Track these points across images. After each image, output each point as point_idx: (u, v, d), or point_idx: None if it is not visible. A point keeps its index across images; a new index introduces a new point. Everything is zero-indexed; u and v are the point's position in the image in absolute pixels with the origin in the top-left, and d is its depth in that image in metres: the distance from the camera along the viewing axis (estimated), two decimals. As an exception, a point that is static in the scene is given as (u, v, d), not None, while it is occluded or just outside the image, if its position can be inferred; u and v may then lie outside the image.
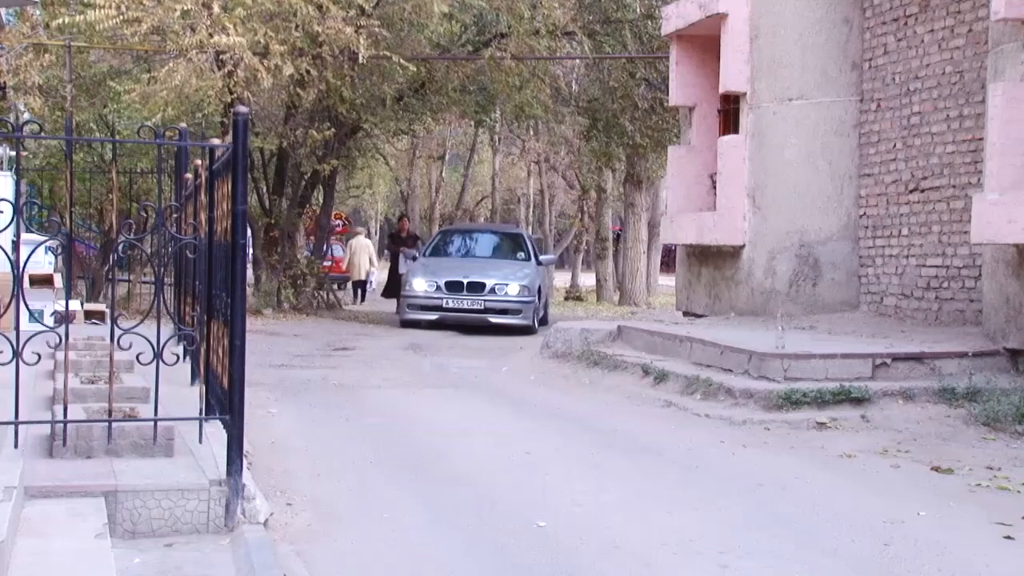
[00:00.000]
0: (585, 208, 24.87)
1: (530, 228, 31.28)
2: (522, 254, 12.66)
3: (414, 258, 12.99)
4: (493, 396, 6.74)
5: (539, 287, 11.76)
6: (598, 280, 22.22)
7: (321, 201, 15.88)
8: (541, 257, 12.70)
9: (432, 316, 11.29)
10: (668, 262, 29.35)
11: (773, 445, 5.08)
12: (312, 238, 16.59)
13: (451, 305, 11.24)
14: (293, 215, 14.04)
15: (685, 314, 9.91)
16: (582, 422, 5.68)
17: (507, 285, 11.38)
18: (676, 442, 5.13)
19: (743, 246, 8.70)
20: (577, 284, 25.27)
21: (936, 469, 4.57)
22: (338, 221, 23.60)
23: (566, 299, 23.32)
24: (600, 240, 22.06)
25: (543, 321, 12.23)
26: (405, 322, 11.49)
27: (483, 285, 11.36)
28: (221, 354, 3.65)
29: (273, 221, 13.71)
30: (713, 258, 9.29)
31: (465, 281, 11.40)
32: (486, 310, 11.20)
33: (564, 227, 32.42)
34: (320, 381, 7.19)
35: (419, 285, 11.54)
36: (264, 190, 14.32)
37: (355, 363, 8.32)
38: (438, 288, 11.41)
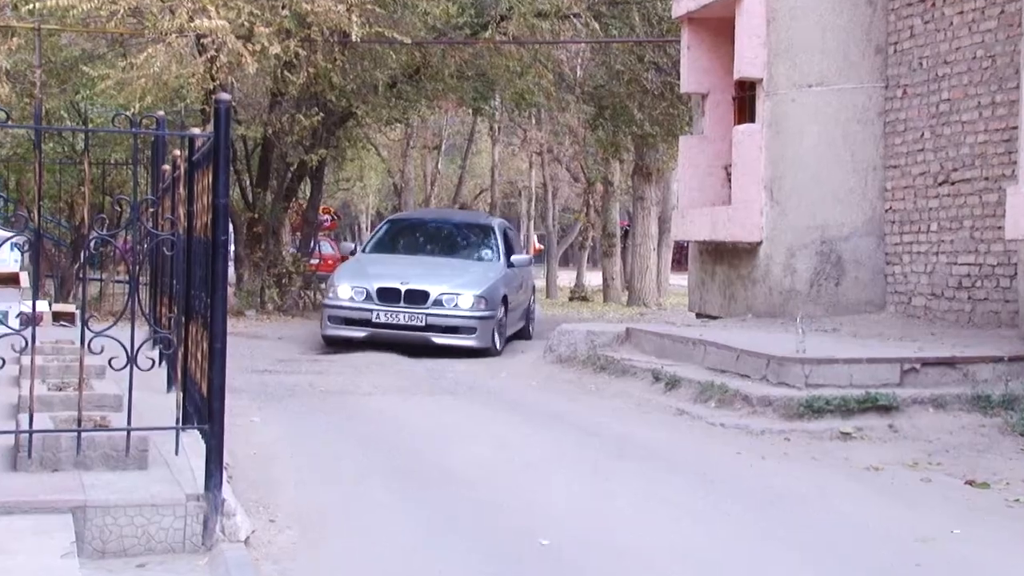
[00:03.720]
0: (591, 202, 24.85)
1: (531, 223, 31.31)
2: (488, 252, 10.89)
3: None
4: (492, 402, 6.74)
5: (504, 296, 9.98)
6: (605, 279, 22.22)
7: (308, 194, 15.86)
8: (514, 257, 10.90)
9: (359, 333, 9.41)
10: (680, 260, 29.32)
11: (794, 456, 5.06)
12: (298, 234, 16.56)
13: (383, 320, 9.35)
14: (278, 209, 14.00)
15: (698, 315, 9.88)
16: (587, 431, 5.67)
17: (458, 295, 9.49)
18: (689, 452, 5.11)
19: (760, 242, 8.67)
20: (582, 283, 25.28)
21: (970, 483, 4.54)
22: (326, 216, 23.56)
23: (571, 299, 23.31)
24: (607, 236, 22.05)
25: (524, 336, 11.13)
26: (327, 339, 9.69)
27: (425, 295, 9.44)
28: (200, 358, 3.63)
29: (256, 216, 13.68)
30: (728, 255, 9.26)
31: (403, 288, 9.44)
32: (428, 327, 9.35)
33: (568, 222, 32.39)
34: (306, 388, 7.18)
35: (344, 291, 9.59)
36: (247, 182, 14.28)
37: (344, 368, 8.30)
38: (368, 296, 9.48)
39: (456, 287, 9.63)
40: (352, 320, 9.52)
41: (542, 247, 36.80)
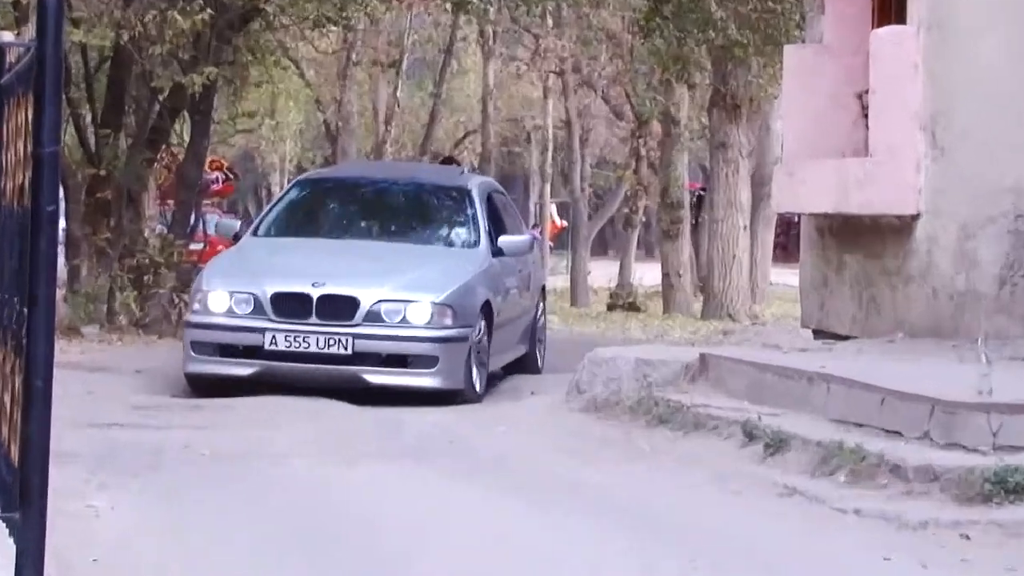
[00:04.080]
0: (643, 152, 24.89)
1: (547, 186, 31.34)
2: (461, 232, 10.85)
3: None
4: (485, 474, 6.74)
5: (487, 303, 9.97)
6: (667, 275, 22.25)
7: (187, 139, 15.85)
8: (505, 239, 10.82)
9: (243, 370, 9.42)
10: (786, 244, 29.32)
11: (977, 565, 5.04)
12: (170, 203, 16.55)
13: (282, 346, 9.27)
14: (138, 163, 14.02)
15: (816, 334, 9.92)
16: (640, 523, 5.66)
17: (407, 303, 9.43)
18: (806, 558, 5.10)
19: (917, 216, 8.69)
20: (630, 282, 25.32)
21: None
22: (215, 174, 23.58)
23: (611, 308, 23.34)
24: (669, 207, 22.08)
25: (526, 367, 11.22)
26: (191, 380, 9.74)
27: (353, 303, 9.36)
28: (9, 404, 3.62)
29: (103, 173, 13.70)
30: (865, 237, 9.28)
31: (315, 294, 9.35)
32: (357, 357, 9.27)
33: (607, 185, 32.46)
34: (180, 450, 7.20)
35: (217, 301, 9.59)
36: (87, 120, 14.28)
37: (243, 417, 8.36)
38: (257, 308, 9.40)
39: (404, 289, 9.57)
40: (231, 348, 9.47)
41: (564, 224, 36.76)
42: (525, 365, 11.25)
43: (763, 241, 22.97)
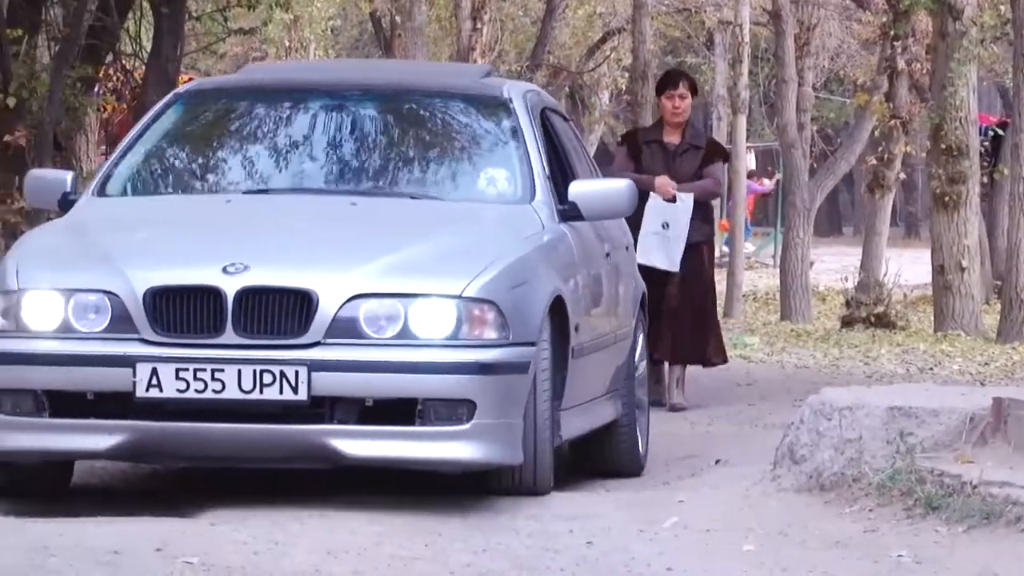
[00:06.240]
0: (901, 63, 24.78)
1: (741, 120, 31.30)
2: (497, 177, 10.46)
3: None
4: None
5: (558, 303, 9.37)
6: (940, 270, 22.07)
7: (148, 47, 16.07)
8: (578, 189, 10.20)
9: (96, 441, 8.76)
10: None
11: None
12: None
13: (171, 391, 8.64)
14: (68, 85, 14.26)
15: None
16: None
17: (410, 300, 8.79)
18: None
19: None
20: (879, 281, 25.10)
21: None
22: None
23: (847, 324, 23.28)
24: (945, 155, 21.92)
25: (614, 455, 10.74)
26: None
27: (305, 302, 8.77)
28: None
29: (11, 101, 13.92)
30: None
31: (230, 288, 8.69)
32: (315, 406, 8.77)
33: (839, 119, 32.24)
34: (151, 556, 7.00)
35: (39, 310, 8.83)
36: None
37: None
38: (118, 318, 8.79)
39: (402, 273, 8.84)
40: (70, 399, 8.75)
41: (770, 185, 36.34)
42: (606, 450, 10.70)
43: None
